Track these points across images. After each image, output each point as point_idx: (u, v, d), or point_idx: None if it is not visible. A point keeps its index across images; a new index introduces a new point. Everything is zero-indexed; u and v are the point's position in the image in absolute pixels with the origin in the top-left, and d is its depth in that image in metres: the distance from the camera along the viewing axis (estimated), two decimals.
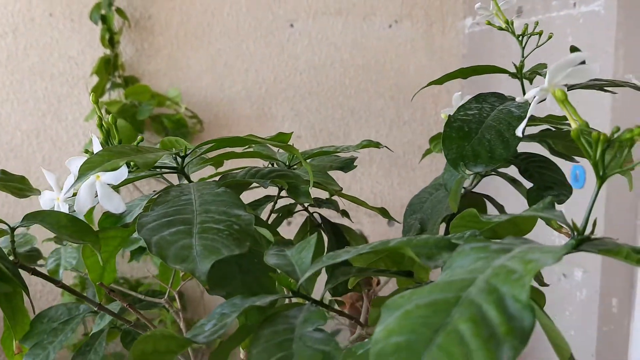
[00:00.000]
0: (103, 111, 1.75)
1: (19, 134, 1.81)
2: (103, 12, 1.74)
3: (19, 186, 0.44)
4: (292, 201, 0.73)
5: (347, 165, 0.67)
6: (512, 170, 0.73)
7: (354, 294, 0.92)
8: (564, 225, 0.32)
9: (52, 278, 0.47)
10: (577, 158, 0.69)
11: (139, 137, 0.46)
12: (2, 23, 1.76)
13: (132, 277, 1.86)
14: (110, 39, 1.75)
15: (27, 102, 1.80)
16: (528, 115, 0.40)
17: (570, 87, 0.62)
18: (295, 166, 0.65)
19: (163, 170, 0.49)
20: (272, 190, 0.72)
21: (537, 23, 0.65)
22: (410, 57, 2.03)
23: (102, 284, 0.51)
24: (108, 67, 1.76)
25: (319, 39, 1.96)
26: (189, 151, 0.47)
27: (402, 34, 2.01)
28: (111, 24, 1.73)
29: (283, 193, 0.70)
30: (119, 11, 1.76)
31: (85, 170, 0.37)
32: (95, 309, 0.74)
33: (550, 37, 0.58)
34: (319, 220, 0.73)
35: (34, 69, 1.80)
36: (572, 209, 0.55)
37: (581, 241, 0.31)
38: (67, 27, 1.80)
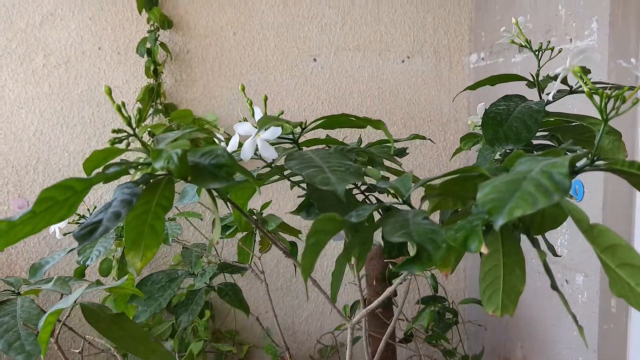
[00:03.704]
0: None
1: (67, 154, 1.98)
2: (148, 45, 1.94)
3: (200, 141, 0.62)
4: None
5: (401, 152, 0.85)
6: None
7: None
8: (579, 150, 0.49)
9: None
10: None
11: (280, 111, 0.64)
12: (56, 55, 1.96)
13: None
14: (154, 70, 1.95)
15: (75, 126, 1.98)
16: (557, 84, 0.58)
17: (574, 91, 0.81)
18: None
19: (283, 140, 0.67)
20: None
21: (544, 43, 0.84)
22: (421, 89, 2.23)
23: (246, 215, 0.68)
24: (151, 95, 1.95)
25: (339, 72, 2.17)
26: (308, 125, 0.65)
27: (414, 68, 2.22)
28: (156, 56, 1.93)
29: None
30: (162, 45, 1.96)
31: (263, 124, 0.55)
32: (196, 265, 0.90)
33: (560, 52, 0.76)
34: (374, 201, 0.90)
35: (83, 96, 1.98)
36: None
37: (593, 160, 0.48)
38: (113, 59, 2.00)
